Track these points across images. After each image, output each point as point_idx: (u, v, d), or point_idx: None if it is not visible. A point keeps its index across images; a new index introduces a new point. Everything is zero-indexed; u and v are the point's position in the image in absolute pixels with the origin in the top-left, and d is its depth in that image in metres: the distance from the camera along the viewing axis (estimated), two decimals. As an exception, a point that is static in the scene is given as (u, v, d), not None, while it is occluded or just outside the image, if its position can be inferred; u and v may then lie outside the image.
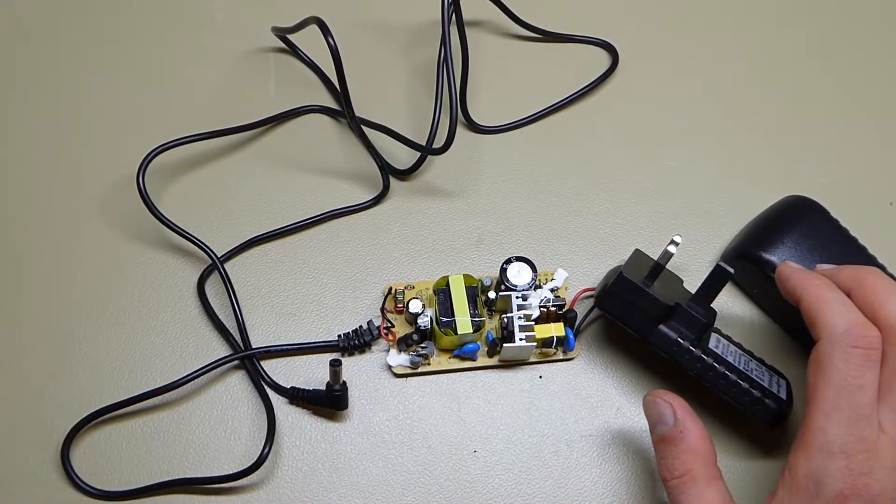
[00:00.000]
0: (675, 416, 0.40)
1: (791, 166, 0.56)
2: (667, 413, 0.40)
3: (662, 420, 0.40)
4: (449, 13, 0.52)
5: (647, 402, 0.42)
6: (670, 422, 0.40)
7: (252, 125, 0.55)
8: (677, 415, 0.40)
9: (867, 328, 0.38)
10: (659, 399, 0.41)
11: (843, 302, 0.39)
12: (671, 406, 0.41)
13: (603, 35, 0.60)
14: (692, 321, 0.45)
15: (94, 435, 0.46)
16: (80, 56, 0.59)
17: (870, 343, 0.37)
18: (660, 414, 0.41)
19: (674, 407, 0.40)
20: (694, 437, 0.40)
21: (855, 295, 0.40)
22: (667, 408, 0.41)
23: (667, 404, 0.41)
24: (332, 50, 0.49)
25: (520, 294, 0.47)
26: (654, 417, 0.41)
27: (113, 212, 0.53)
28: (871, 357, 0.37)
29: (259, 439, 0.46)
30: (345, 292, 0.51)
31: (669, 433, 0.40)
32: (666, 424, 0.40)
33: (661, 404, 0.41)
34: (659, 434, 0.41)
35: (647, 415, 0.42)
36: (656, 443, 0.41)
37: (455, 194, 0.54)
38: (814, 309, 0.39)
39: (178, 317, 0.50)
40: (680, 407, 0.41)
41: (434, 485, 0.46)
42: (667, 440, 0.40)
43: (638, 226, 0.53)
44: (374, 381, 0.48)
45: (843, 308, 0.39)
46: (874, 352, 0.37)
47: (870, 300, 0.39)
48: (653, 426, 0.41)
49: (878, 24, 0.62)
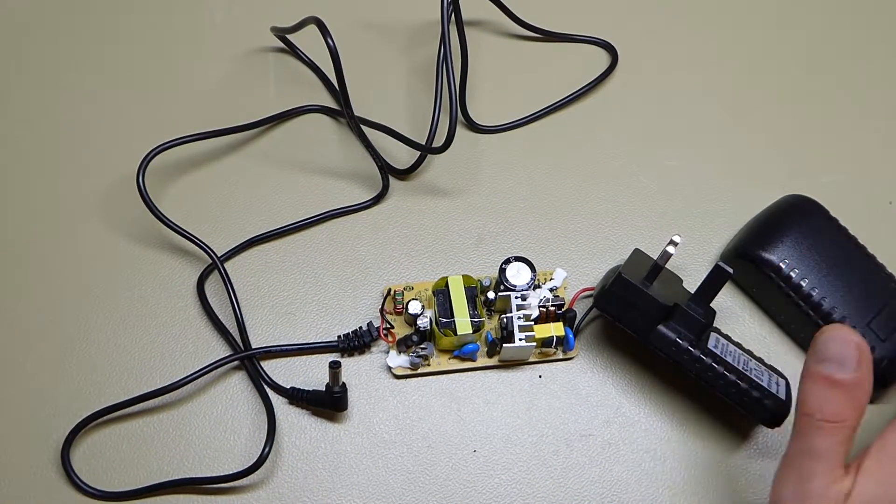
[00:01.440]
0: (859, 365, 0.36)
1: (791, 166, 0.56)
2: (852, 358, 0.36)
3: (842, 363, 0.36)
4: (448, 13, 0.52)
5: (831, 338, 0.37)
6: (851, 368, 0.36)
7: (252, 125, 0.55)
8: (862, 364, 0.36)
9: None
10: (848, 338, 0.36)
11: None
12: (859, 353, 0.36)
13: (603, 35, 0.60)
14: (691, 321, 0.45)
15: (94, 435, 0.46)
16: (80, 56, 0.59)
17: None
18: (843, 356, 0.36)
19: (861, 354, 0.36)
20: (866, 390, 0.36)
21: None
22: (853, 353, 0.36)
23: (855, 349, 0.36)
24: (332, 50, 0.49)
25: (519, 294, 0.47)
26: (833, 355, 0.36)
27: (113, 212, 0.53)
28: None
29: (259, 439, 0.46)
30: (344, 292, 0.51)
31: (843, 378, 0.36)
32: (844, 368, 0.36)
33: (849, 345, 0.36)
34: (828, 373, 0.36)
35: (822, 347, 0.37)
36: (819, 377, 0.37)
37: (454, 194, 0.54)
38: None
39: (178, 317, 0.50)
40: (866, 356, 0.36)
41: (434, 484, 0.46)
42: (836, 383, 0.36)
43: (637, 225, 0.53)
44: (374, 382, 0.48)
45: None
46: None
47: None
48: (822, 360, 0.37)
49: (879, 24, 0.62)
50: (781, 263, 0.48)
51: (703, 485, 0.46)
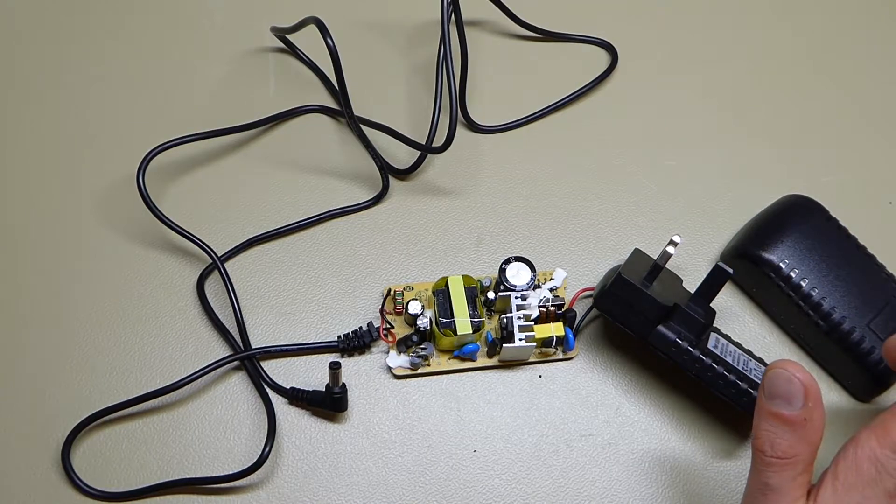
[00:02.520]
0: (806, 403, 0.36)
1: (791, 166, 0.56)
2: (798, 396, 0.37)
3: (790, 400, 0.37)
4: (448, 13, 0.52)
5: (777, 375, 0.37)
6: (798, 406, 0.36)
7: (252, 125, 0.55)
8: (809, 402, 0.36)
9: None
10: (794, 377, 0.37)
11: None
12: (805, 390, 0.37)
13: (603, 35, 0.60)
14: (691, 321, 0.45)
15: (94, 436, 0.46)
16: (80, 56, 0.59)
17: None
18: (789, 393, 0.37)
19: (808, 392, 0.36)
20: (816, 428, 0.37)
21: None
22: (800, 390, 0.36)
23: (801, 387, 0.36)
24: (331, 50, 0.49)
25: (519, 294, 0.47)
26: (780, 392, 0.37)
27: (113, 212, 0.53)
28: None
29: (259, 439, 0.46)
30: (344, 293, 0.51)
31: (792, 415, 0.36)
32: (791, 406, 0.37)
33: (796, 384, 0.37)
34: (777, 410, 0.37)
35: (771, 384, 0.37)
36: (769, 414, 0.37)
37: (454, 194, 0.54)
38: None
39: (178, 317, 0.50)
40: (814, 393, 0.37)
41: (434, 484, 0.46)
42: (785, 420, 0.37)
43: (637, 225, 0.53)
44: (374, 382, 0.48)
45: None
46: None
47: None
48: (772, 398, 0.37)
49: (878, 24, 0.62)
50: (781, 263, 0.48)
51: (702, 485, 0.46)
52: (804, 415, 0.37)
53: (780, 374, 0.37)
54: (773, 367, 0.38)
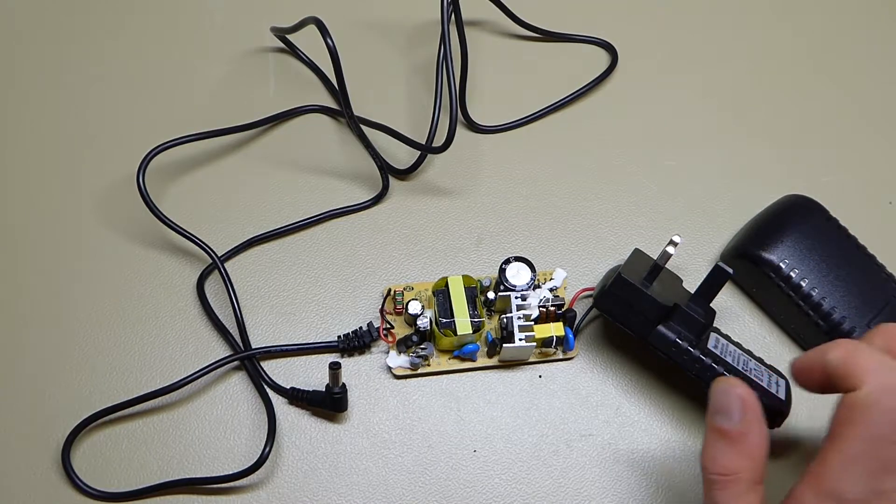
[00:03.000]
0: (744, 416, 0.37)
1: (791, 166, 0.56)
2: (735, 408, 0.37)
3: (728, 413, 0.37)
4: (448, 13, 0.52)
5: (717, 388, 0.38)
6: (735, 419, 0.37)
7: (252, 125, 0.55)
8: (746, 415, 0.37)
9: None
10: (732, 391, 0.37)
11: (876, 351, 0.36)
12: (742, 402, 0.37)
13: (603, 35, 0.60)
14: (691, 321, 0.45)
15: (94, 436, 0.46)
16: (80, 56, 0.59)
17: None
18: (727, 406, 0.37)
19: (745, 405, 0.37)
20: (754, 442, 0.37)
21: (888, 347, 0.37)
22: (737, 403, 0.37)
23: (738, 400, 0.37)
24: (331, 50, 0.49)
25: (519, 294, 0.47)
26: (720, 406, 0.37)
27: (113, 212, 0.53)
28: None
29: (259, 439, 0.46)
30: (344, 292, 0.51)
31: (729, 429, 0.37)
32: (729, 419, 0.37)
33: (732, 397, 0.37)
34: (717, 424, 0.37)
35: (712, 399, 0.38)
36: (711, 430, 0.37)
37: (454, 194, 0.54)
38: (848, 359, 0.36)
39: (178, 317, 0.50)
40: (751, 406, 0.37)
41: (434, 484, 0.46)
42: (723, 434, 0.37)
43: (637, 225, 0.53)
44: (374, 382, 0.48)
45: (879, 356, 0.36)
46: None
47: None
48: (713, 413, 0.38)
49: (879, 24, 0.62)
50: (781, 263, 0.48)
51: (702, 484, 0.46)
52: (742, 429, 0.37)
53: (719, 387, 0.38)
54: (715, 383, 0.38)
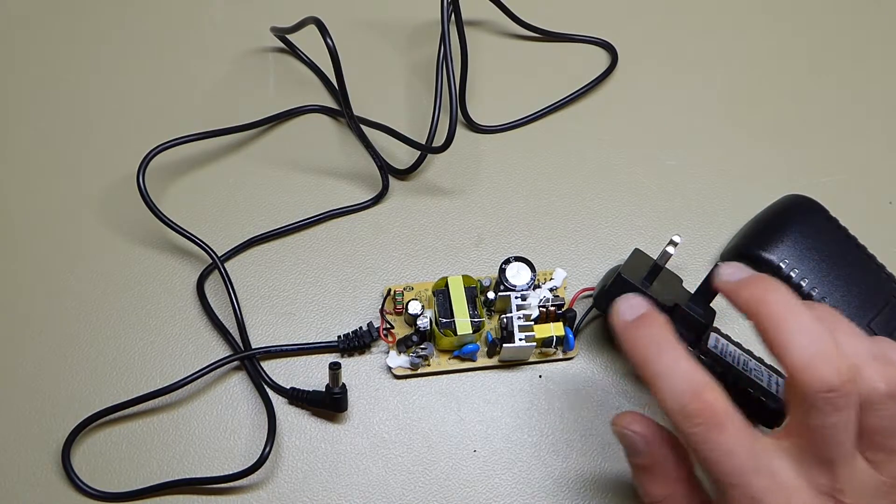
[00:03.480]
0: (649, 448, 0.38)
1: (791, 166, 0.56)
2: (638, 444, 0.38)
3: (635, 450, 0.38)
4: (448, 13, 0.52)
5: (615, 432, 0.39)
6: (643, 451, 0.38)
7: (252, 125, 0.55)
8: (649, 446, 0.38)
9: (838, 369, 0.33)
10: (627, 431, 0.38)
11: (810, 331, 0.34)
12: (641, 436, 0.38)
13: (603, 35, 0.60)
14: (691, 321, 0.45)
15: (94, 436, 0.46)
16: (80, 56, 0.59)
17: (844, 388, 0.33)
18: (631, 445, 0.38)
19: (645, 438, 0.38)
20: (670, 465, 0.37)
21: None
22: (637, 439, 0.38)
23: (636, 436, 0.38)
24: (331, 50, 0.49)
25: (519, 294, 0.47)
26: (626, 445, 0.39)
27: (113, 212, 0.53)
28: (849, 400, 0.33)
29: (259, 439, 0.46)
30: (344, 292, 0.51)
31: (643, 463, 0.38)
32: (639, 454, 0.38)
33: (630, 437, 0.38)
34: (633, 461, 0.39)
35: (619, 440, 0.39)
36: (632, 468, 0.39)
37: (454, 194, 0.54)
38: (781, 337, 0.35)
39: (178, 317, 0.50)
40: (651, 435, 0.38)
41: (434, 484, 0.46)
42: (642, 468, 0.38)
43: (637, 225, 0.53)
44: (374, 382, 0.48)
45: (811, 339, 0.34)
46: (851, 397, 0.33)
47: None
48: (625, 451, 0.39)
49: (879, 24, 0.62)
50: (781, 263, 0.48)
51: (703, 485, 0.46)
52: (651, 459, 0.38)
53: (616, 432, 0.39)
54: (612, 424, 0.39)
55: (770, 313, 0.35)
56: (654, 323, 0.37)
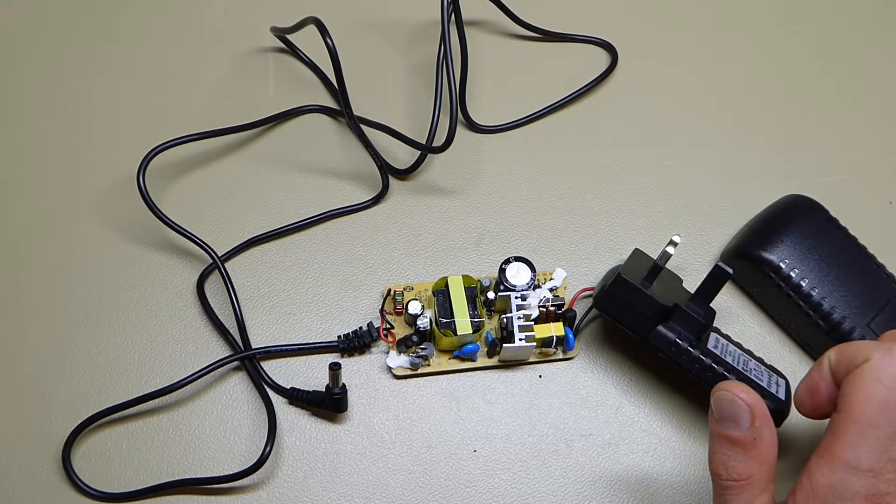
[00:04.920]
0: (753, 423, 0.37)
1: (791, 166, 0.56)
2: (744, 416, 0.37)
3: (737, 421, 0.37)
4: (448, 13, 0.52)
5: (721, 398, 0.38)
6: (746, 426, 0.37)
7: (252, 125, 0.55)
8: (756, 421, 0.37)
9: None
10: (739, 399, 0.37)
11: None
12: (750, 410, 0.37)
13: (603, 35, 0.60)
14: (691, 321, 0.45)
15: (95, 437, 0.46)
16: (80, 56, 0.59)
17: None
18: (735, 415, 0.37)
19: (753, 411, 0.37)
20: (767, 446, 0.37)
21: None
22: (745, 411, 0.37)
23: (746, 407, 0.37)
24: (331, 50, 0.49)
25: (519, 294, 0.47)
26: (727, 414, 0.37)
27: (113, 212, 0.53)
28: None
29: (259, 439, 0.46)
30: (344, 292, 0.51)
31: (741, 436, 0.37)
32: (739, 427, 0.37)
33: (740, 405, 0.37)
34: (726, 432, 0.37)
35: (718, 408, 0.38)
36: (719, 437, 0.37)
37: (454, 194, 0.54)
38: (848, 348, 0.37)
39: (178, 317, 0.50)
40: (760, 412, 0.37)
41: (434, 484, 0.46)
42: (735, 441, 0.37)
43: (637, 225, 0.53)
44: (374, 382, 0.48)
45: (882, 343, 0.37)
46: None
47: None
48: (720, 421, 0.37)
49: (879, 24, 0.62)
50: (781, 263, 0.48)
51: (702, 485, 0.46)
52: (752, 434, 0.37)
53: (724, 396, 0.38)
54: (718, 390, 0.38)
55: None
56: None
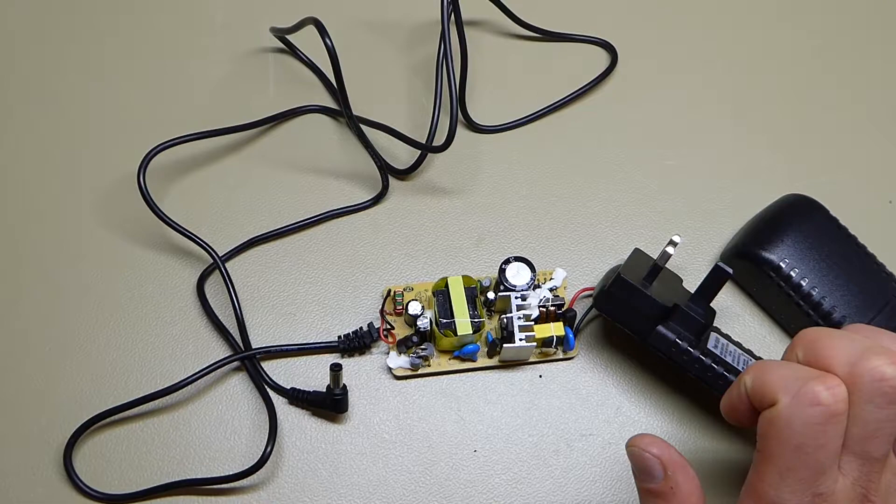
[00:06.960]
0: (665, 473, 0.36)
1: (791, 165, 0.56)
2: (655, 469, 0.36)
3: (651, 473, 0.37)
4: (448, 12, 0.52)
5: (631, 453, 0.37)
6: (659, 477, 0.36)
7: (252, 125, 0.55)
8: (668, 471, 0.36)
9: (826, 380, 0.33)
10: (646, 454, 0.37)
11: (788, 364, 0.36)
12: (660, 461, 0.36)
13: (603, 35, 0.60)
14: (691, 321, 0.45)
15: (95, 438, 0.46)
16: (80, 56, 0.59)
17: (834, 396, 0.33)
18: (648, 468, 0.37)
19: (663, 462, 0.36)
20: (685, 493, 0.36)
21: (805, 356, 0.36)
22: (655, 463, 0.36)
23: (655, 460, 0.36)
24: (330, 50, 0.49)
25: (519, 294, 0.47)
26: (640, 468, 0.37)
27: (113, 212, 0.53)
28: (837, 411, 0.33)
29: (260, 440, 0.46)
30: (344, 292, 0.51)
31: (657, 488, 0.36)
32: (654, 479, 0.37)
33: (649, 459, 0.36)
34: (644, 486, 0.37)
35: (632, 463, 0.38)
36: (640, 490, 0.37)
37: (454, 194, 0.54)
38: (759, 378, 0.36)
39: (178, 317, 0.50)
40: (670, 460, 0.36)
41: (434, 484, 0.46)
42: (655, 493, 0.37)
43: (637, 225, 0.53)
44: (375, 382, 0.48)
45: (791, 367, 0.35)
46: (840, 404, 0.33)
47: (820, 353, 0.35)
48: (636, 475, 0.37)
49: (879, 24, 0.62)
50: (781, 263, 0.48)
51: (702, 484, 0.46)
52: (668, 484, 0.36)
53: (632, 451, 0.37)
54: (629, 445, 0.38)
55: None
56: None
